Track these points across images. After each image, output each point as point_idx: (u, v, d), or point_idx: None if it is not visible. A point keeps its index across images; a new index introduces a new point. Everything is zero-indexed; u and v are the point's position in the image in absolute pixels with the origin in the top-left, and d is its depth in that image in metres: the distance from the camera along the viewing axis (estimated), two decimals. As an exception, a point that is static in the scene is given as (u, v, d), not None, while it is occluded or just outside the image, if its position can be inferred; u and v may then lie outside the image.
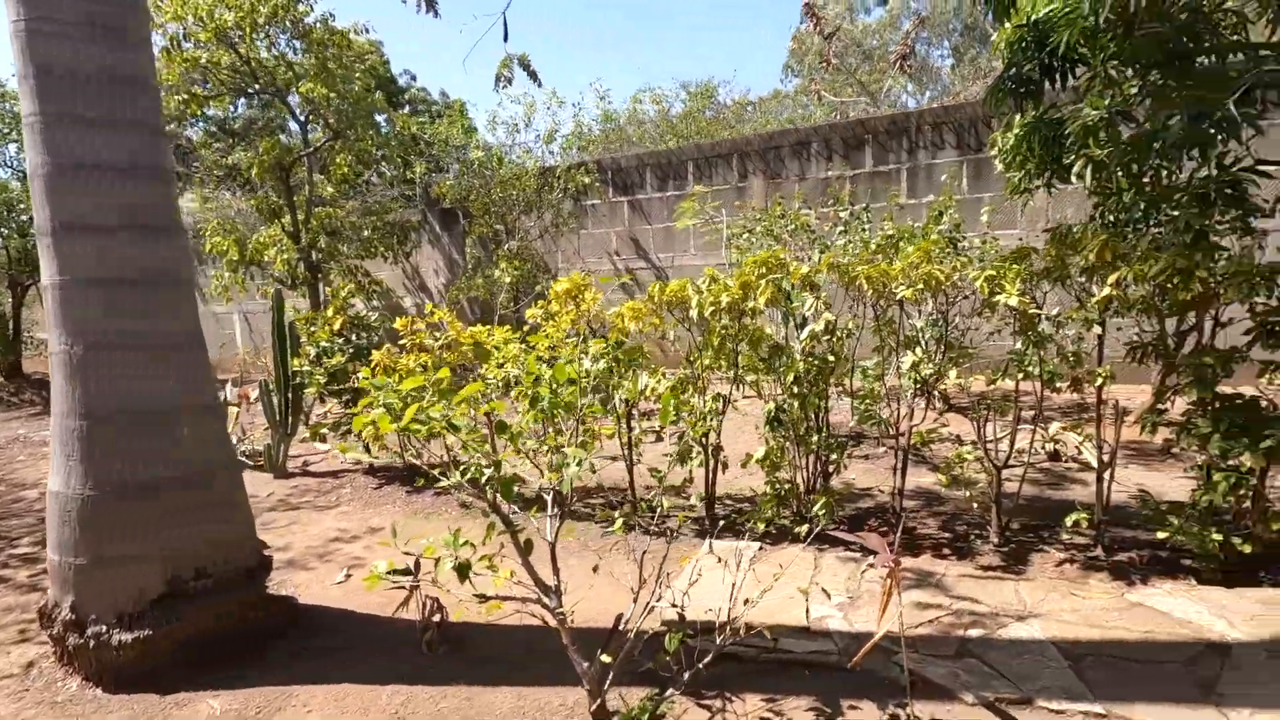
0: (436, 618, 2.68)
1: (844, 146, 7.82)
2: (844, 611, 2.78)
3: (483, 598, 1.87)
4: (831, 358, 3.33)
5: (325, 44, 8.59)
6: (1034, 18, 3.79)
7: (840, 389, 3.78)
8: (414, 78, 22.92)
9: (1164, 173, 3.66)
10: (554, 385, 1.99)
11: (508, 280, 8.18)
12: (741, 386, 3.85)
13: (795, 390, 3.35)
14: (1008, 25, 4.08)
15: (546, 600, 1.95)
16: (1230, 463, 2.82)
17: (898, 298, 3.12)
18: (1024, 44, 3.98)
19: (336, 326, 4.89)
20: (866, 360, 4.07)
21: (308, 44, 8.68)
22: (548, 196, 8.77)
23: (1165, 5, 2.96)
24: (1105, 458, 3.24)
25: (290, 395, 5.15)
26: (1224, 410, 2.88)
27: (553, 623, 1.99)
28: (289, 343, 5.04)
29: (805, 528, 3.48)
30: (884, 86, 13.99)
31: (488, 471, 1.78)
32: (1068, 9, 3.31)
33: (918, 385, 3.45)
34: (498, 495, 1.95)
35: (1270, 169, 4.22)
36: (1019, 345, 3.09)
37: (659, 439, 4.32)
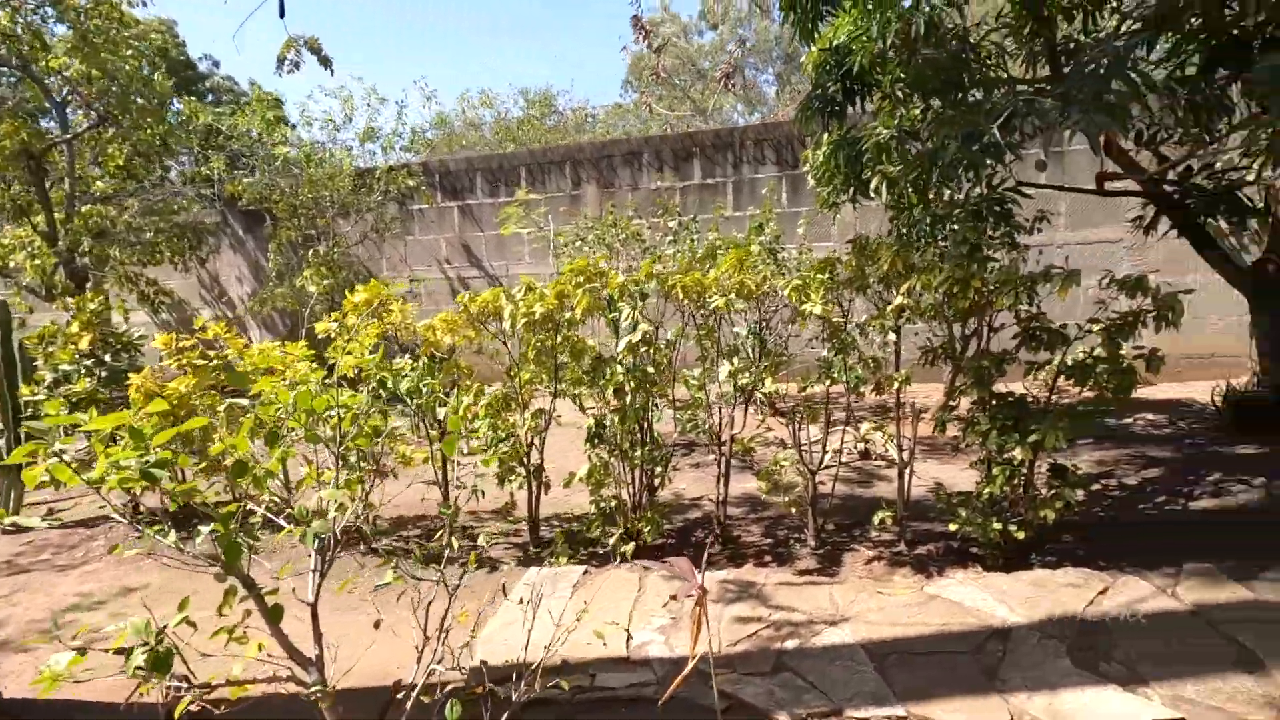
0: (189, 699, 2.20)
1: (674, 158, 7.96)
2: (666, 635, 2.66)
3: (205, 687, 1.50)
4: (651, 369, 3.23)
5: (85, 14, 7.31)
6: (835, 42, 3.99)
7: (665, 400, 3.71)
8: (216, 64, 20.56)
9: (946, 190, 4.01)
10: (308, 417, 1.66)
11: (314, 289, 7.41)
12: (575, 400, 3.67)
13: (615, 404, 3.22)
14: (814, 49, 4.28)
15: (303, 676, 1.62)
16: (1006, 456, 3.07)
17: (710, 307, 3.09)
18: (828, 67, 4.18)
19: (84, 345, 4.06)
20: (696, 369, 4.05)
21: (61, 11, 7.34)
22: (366, 199, 8.09)
23: (941, 34, 3.20)
24: (905, 456, 3.42)
25: (22, 431, 4.21)
26: (999, 408, 3.13)
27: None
28: (19, 367, 4.12)
29: (631, 546, 3.37)
30: (712, 104, 14.57)
31: (206, 529, 1.42)
32: (860, 33, 3.49)
33: (738, 393, 3.45)
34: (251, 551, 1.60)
35: (1029, 190, 4.77)
36: (825, 352, 3.17)
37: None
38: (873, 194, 3.82)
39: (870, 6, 3.42)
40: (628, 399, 3.28)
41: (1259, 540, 3.12)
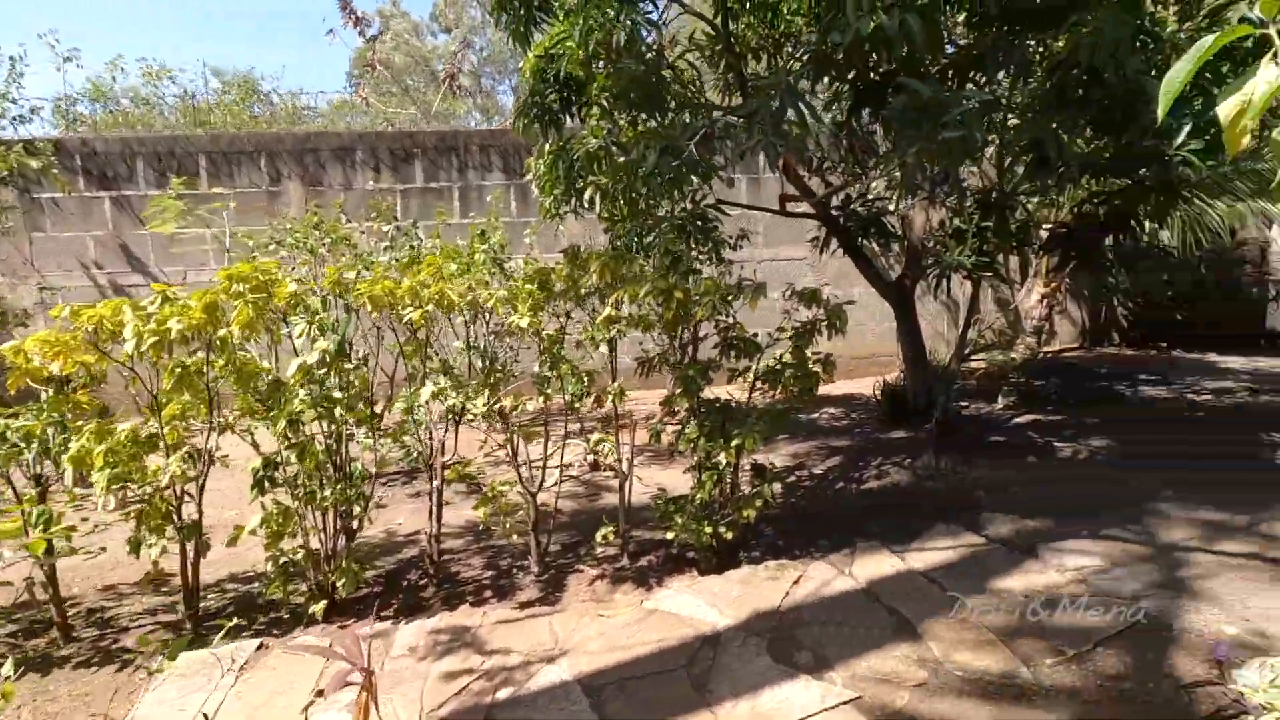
0: None
1: (393, 159, 7.32)
2: (354, 714, 2.23)
3: None
4: (340, 393, 2.76)
5: None
6: (549, 49, 3.89)
7: (367, 426, 3.24)
8: None
9: (661, 204, 4.13)
10: None
11: None
12: (249, 436, 3.00)
13: (292, 438, 2.68)
14: (530, 55, 4.14)
15: None
16: (713, 460, 3.18)
17: (405, 319, 2.73)
18: (544, 74, 4.07)
19: None
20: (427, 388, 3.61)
21: None
22: (-42, 180, 6.09)
23: (640, 49, 3.24)
24: (624, 468, 3.40)
25: None
26: (707, 414, 3.25)
27: None
28: None
29: (323, 604, 2.85)
30: (436, 104, 13.85)
31: None
32: (565, 37, 3.41)
33: (450, 415, 3.13)
34: None
35: (734, 210, 5.13)
36: (537, 367, 3.01)
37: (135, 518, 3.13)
38: (587, 204, 3.77)
39: (574, 14, 3.36)
40: (309, 430, 2.76)
41: (908, 515, 3.65)
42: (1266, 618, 2.39)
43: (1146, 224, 4.36)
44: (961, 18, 3.90)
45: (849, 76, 3.29)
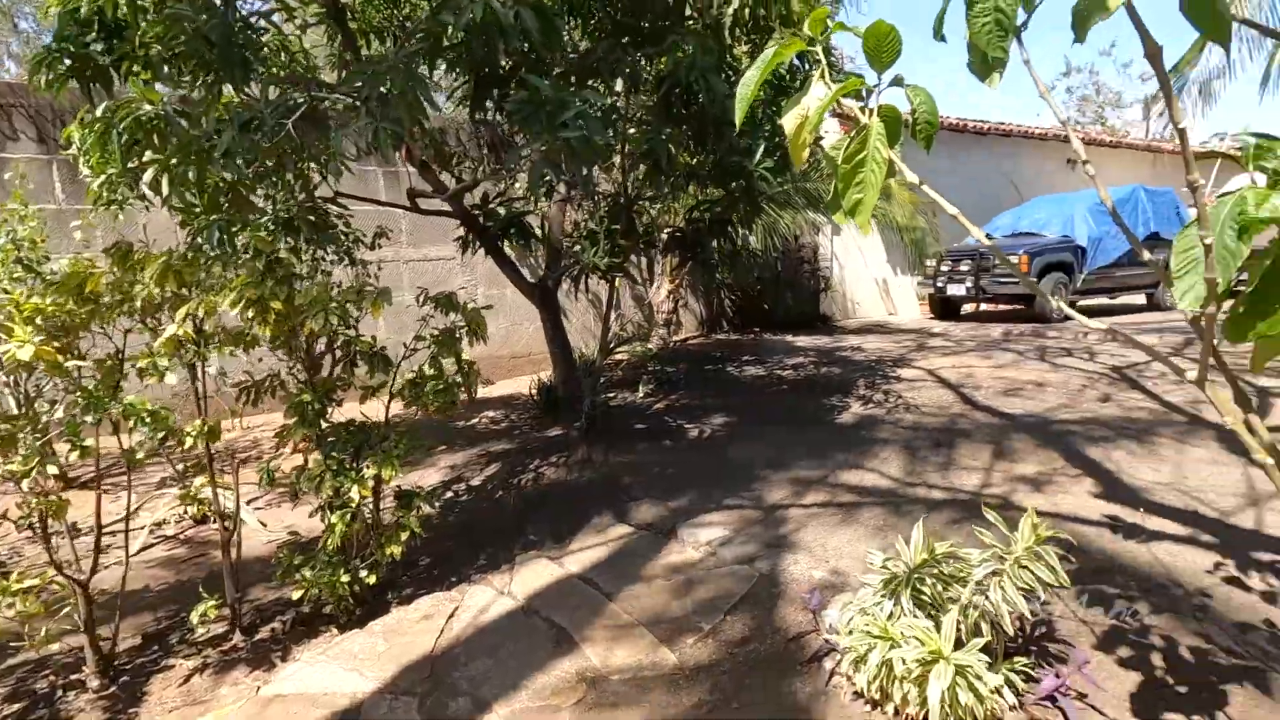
0: None
1: None
2: None
3: None
4: None
5: None
6: (82, -19, 2.89)
7: None
8: None
9: (266, 193, 3.43)
10: None
11: None
12: None
13: None
14: (62, -15, 3.04)
15: None
16: (345, 497, 2.72)
17: None
18: (77, 14, 3.03)
19: None
20: None
21: None
22: None
23: (206, -5, 2.58)
24: (229, 524, 2.73)
25: None
26: (336, 442, 2.77)
27: None
28: None
29: None
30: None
31: None
32: (89, -39, 2.56)
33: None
34: None
35: (365, 205, 4.57)
36: (60, 411, 2.19)
37: None
38: (149, 189, 2.92)
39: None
40: None
41: (565, 514, 3.67)
42: (840, 555, 2.91)
43: (740, 229, 5.11)
44: (579, 31, 4.04)
45: (473, 67, 3.10)
